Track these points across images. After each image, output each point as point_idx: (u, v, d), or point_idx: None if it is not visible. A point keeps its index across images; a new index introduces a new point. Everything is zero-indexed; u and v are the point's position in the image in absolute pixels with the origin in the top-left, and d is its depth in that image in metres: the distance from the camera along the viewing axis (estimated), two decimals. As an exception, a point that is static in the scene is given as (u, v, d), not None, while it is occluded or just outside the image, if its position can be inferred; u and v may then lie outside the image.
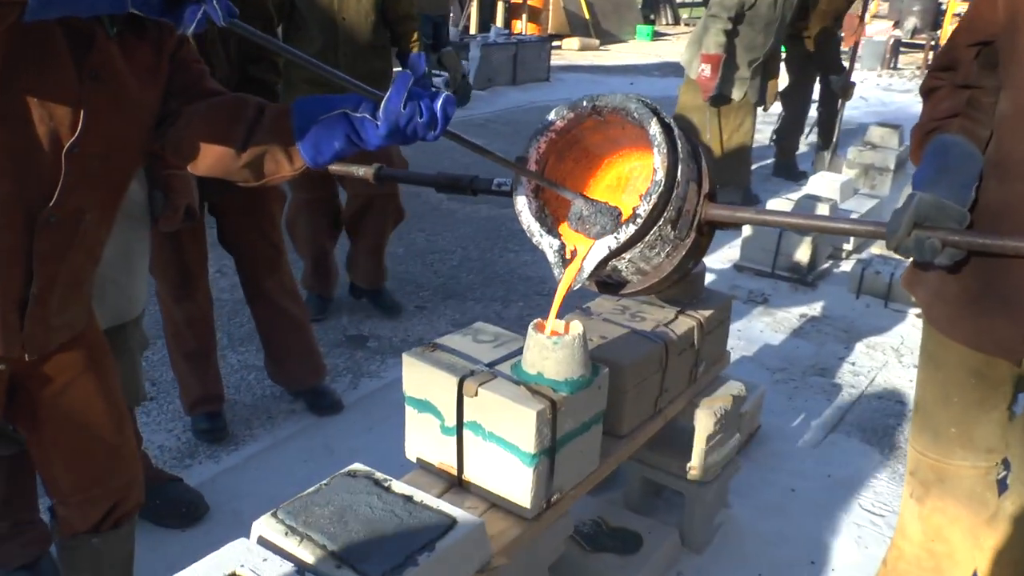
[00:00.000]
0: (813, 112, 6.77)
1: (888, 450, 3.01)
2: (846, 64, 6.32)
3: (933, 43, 13.44)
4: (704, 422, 2.27)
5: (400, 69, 4.01)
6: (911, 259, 1.62)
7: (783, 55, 5.96)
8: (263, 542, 1.52)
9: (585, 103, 1.74)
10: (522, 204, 1.80)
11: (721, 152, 5.48)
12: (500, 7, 14.29)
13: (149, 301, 2.37)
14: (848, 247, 5.01)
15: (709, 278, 4.57)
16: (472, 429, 1.75)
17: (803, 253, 4.40)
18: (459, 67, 4.96)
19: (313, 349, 3.11)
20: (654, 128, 1.64)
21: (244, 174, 1.52)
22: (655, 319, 2.22)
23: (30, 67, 1.35)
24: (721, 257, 4.91)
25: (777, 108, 6.56)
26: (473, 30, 13.29)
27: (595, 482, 1.94)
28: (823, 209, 4.40)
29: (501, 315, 4.11)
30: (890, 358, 3.71)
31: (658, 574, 2.31)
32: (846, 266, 4.78)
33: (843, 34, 6.53)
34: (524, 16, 15.29)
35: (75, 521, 1.75)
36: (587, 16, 16.48)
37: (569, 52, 15.03)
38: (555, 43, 14.80)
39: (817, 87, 6.51)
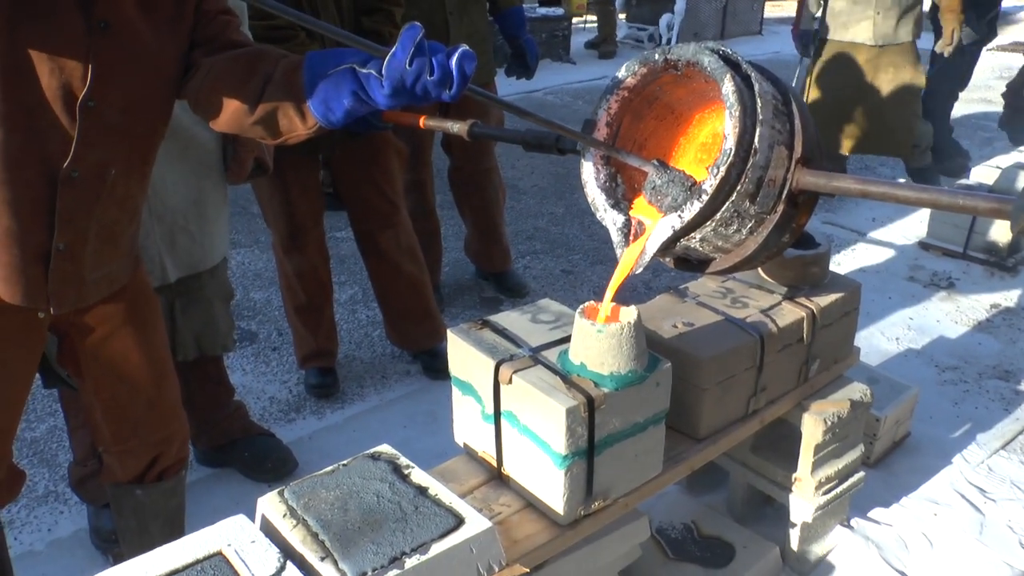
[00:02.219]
0: None
1: (1075, 479, 2.50)
2: None
3: None
4: (812, 429, 1.95)
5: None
6: None
7: None
8: (263, 520, 1.45)
9: (656, 56, 1.55)
10: (588, 173, 1.62)
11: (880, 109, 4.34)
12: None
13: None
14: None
15: (886, 254, 4.05)
16: (508, 420, 1.58)
17: (1003, 232, 3.74)
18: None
19: (430, 310, 3.02)
20: (727, 86, 1.42)
21: (258, 131, 1.43)
22: (758, 306, 1.92)
23: (37, 19, 1.32)
24: (904, 231, 4.31)
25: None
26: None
27: (658, 489, 1.71)
28: (1029, 182, 3.70)
29: (650, 285, 3.85)
30: (1100, 365, 3.09)
31: (747, 595, 2.04)
32: (1062, 250, 4.02)
33: None
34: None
35: (116, 470, 1.77)
36: (818, -38, 15.25)
37: (793, 3, 14.01)
38: (780, -6, 13.88)
39: None
